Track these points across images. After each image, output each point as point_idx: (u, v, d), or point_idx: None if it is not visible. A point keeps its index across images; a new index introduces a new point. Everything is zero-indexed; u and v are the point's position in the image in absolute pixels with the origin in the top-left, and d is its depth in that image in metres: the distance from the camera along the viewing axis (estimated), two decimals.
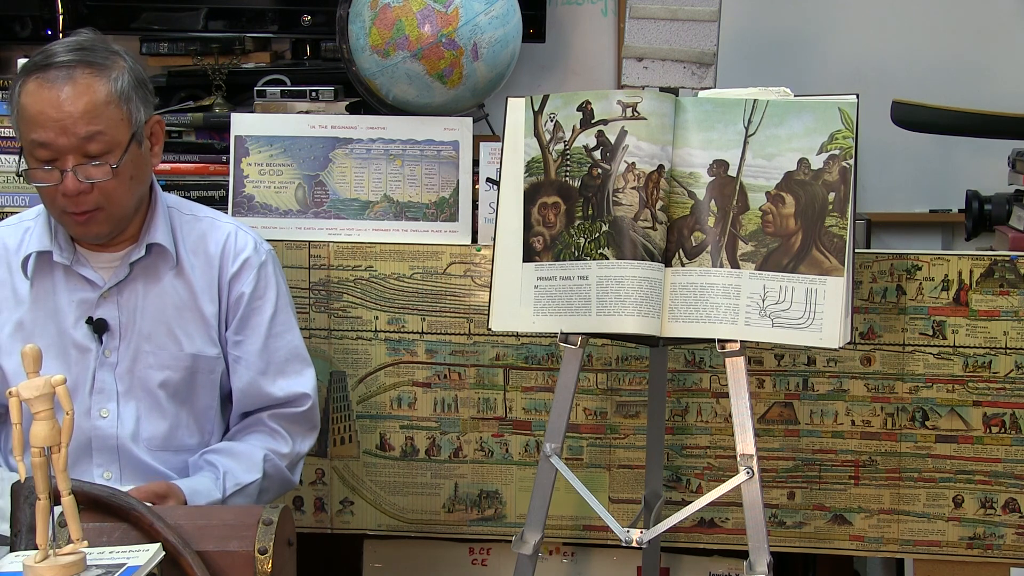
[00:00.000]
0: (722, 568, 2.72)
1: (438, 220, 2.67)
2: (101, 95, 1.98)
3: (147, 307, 2.12)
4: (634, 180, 2.09)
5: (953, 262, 2.53)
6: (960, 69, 3.17)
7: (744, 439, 2.06)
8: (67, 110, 1.96)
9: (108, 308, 2.11)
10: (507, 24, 2.63)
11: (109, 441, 2.10)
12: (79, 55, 2.00)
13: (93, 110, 1.97)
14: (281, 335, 2.21)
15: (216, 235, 2.18)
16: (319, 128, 2.70)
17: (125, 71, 2.03)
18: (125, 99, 2.01)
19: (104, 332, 2.10)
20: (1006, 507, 2.56)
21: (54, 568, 1.44)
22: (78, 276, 2.10)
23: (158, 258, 2.13)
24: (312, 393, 2.23)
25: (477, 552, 2.77)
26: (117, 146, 2.00)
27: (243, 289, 2.17)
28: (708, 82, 2.52)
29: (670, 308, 2.09)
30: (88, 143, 1.98)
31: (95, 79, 1.99)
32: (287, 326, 2.22)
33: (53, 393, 1.44)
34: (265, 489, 2.15)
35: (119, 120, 2.00)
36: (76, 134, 1.97)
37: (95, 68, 2.00)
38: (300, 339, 2.25)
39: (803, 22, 3.22)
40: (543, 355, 2.62)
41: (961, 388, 2.54)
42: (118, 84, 2.01)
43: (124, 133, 2.01)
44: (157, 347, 2.12)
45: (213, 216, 2.22)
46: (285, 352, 2.21)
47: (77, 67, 1.99)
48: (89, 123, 1.97)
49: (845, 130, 2.05)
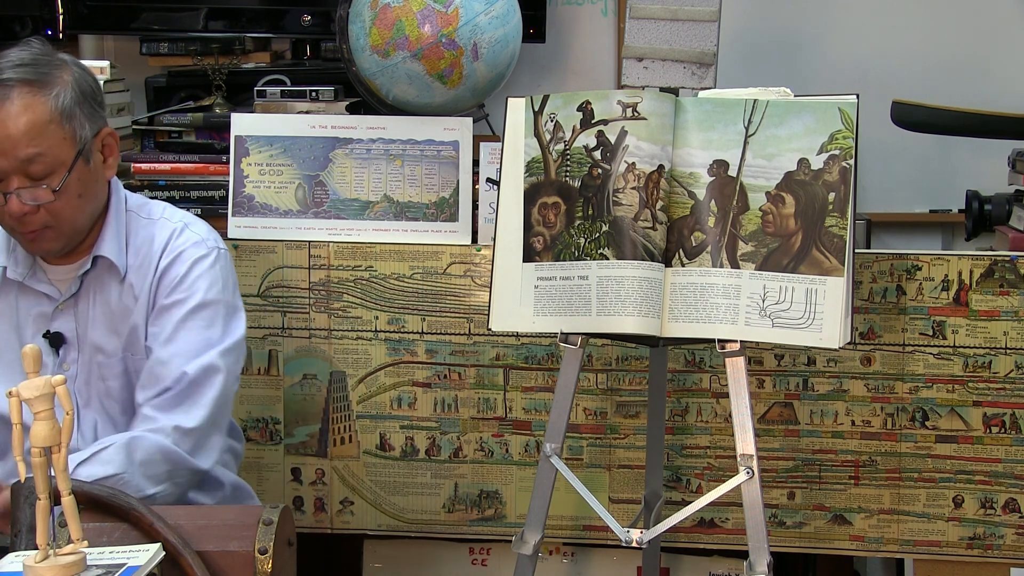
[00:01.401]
0: (722, 568, 2.72)
1: (438, 220, 2.67)
2: (41, 115, 1.92)
3: (97, 318, 2.09)
4: (634, 180, 2.09)
5: (953, 262, 2.53)
6: (960, 69, 3.17)
7: (744, 439, 2.06)
8: (6, 132, 1.90)
9: (65, 321, 2.08)
10: (507, 24, 2.63)
11: (71, 454, 2.07)
12: (20, 72, 1.93)
13: (32, 131, 1.91)
14: (198, 330, 2.05)
15: (162, 234, 2.10)
16: (319, 128, 2.70)
17: (68, 86, 1.95)
18: (67, 117, 1.94)
19: (61, 345, 2.08)
20: (1006, 507, 2.56)
21: (54, 568, 1.44)
22: (34, 291, 2.08)
23: (105, 269, 2.09)
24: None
25: (477, 552, 2.77)
26: (61, 166, 1.94)
27: (171, 279, 2.06)
28: (708, 82, 2.52)
29: (670, 308, 2.09)
30: (29, 165, 1.92)
31: (35, 98, 1.92)
32: (208, 323, 2.06)
33: (53, 393, 1.44)
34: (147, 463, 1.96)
35: (61, 139, 1.94)
36: (16, 156, 1.91)
37: (35, 86, 1.92)
38: (222, 342, 2.06)
39: (803, 22, 3.22)
40: (543, 355, 2.62)
41: (961, 388, 2.54)
42: (59, 101, 1.94)
43: (68, 152, 1.95)
44: (107, 357, 2.08)
45: (168, 217, 2.14)
46: (195, 347, 2.03)
47: (16, 86, 1.92)
48: (29, 144, 1.91)
49: (845, 130, 2.05)
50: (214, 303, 2.08)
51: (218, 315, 2.08)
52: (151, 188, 2.80)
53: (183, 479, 2.03)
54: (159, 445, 1.98)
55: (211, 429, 2.06)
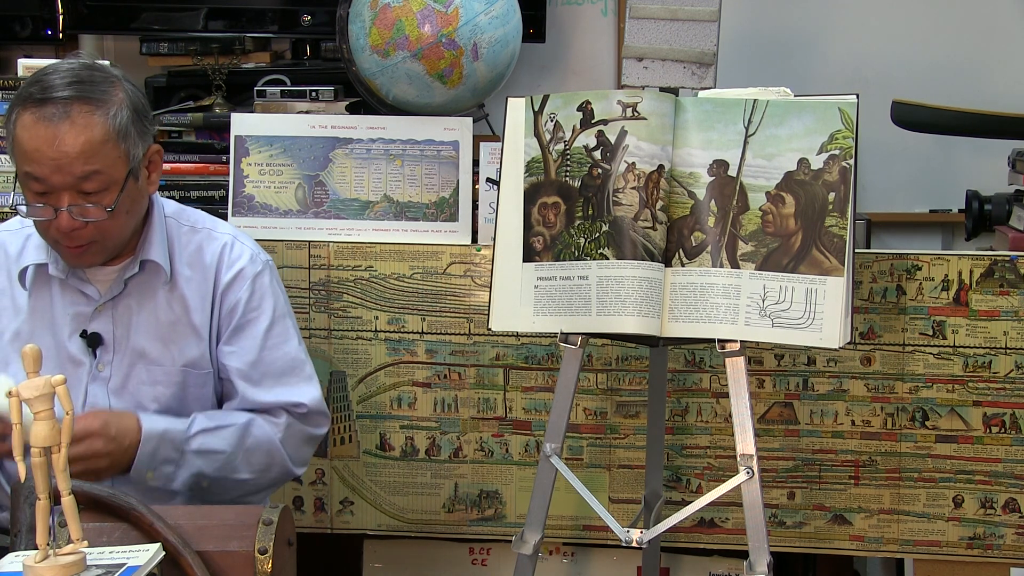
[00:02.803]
0: (722, 568, 2.72)
1: (438, 220, 2.67)
2: (99, 134, 1.92)
3: (140, 323, 2.09)
4: (634, 180, 2.09)
5: (953, 262, 2.53)
6: (960, 69, 3.17)
7: (744, 439, 2.06)
8: (63, 149, 1.90)
9: (103, 322, 2.09)
10: (507, 24, 2.63)
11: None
12: (77, 89, 1.93)
13: (90, 150, 1.91)
14: (277, 347, 2.14)
15: (212, 246, 2.14)
16: (319, 128, 2.70)
17: (124, 106, 1.96)
18: (123, 136, 1.95)
19: (98, 346, 2.08)
20: (1006, 507, 2.56)
21: (54, 568, 1.44)
22: (74, 289, 2.08)
23: (152, 274, 2.10)
24: (311, 403, 2.14)
25: (477, 552, 2.77)
26: (114, 184, 1.96)
27: (236, 300, 2.11)
28: (708, 82, 2.53)
29: (670, 308, 2.09)
30: (84, 182, 1.93)
31: (93, 117, 1.92)
32: (283, 338, 2.15)
33: (53, 393, 1.44)
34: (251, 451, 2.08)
35: (116, 158, 1.95)
36: (72, 173, 1.92)
37: (93, 104, 1.93)
38: (301, 351, 2.17)
39: (803, 22, 3.22)
40: (543, 355, 2.62)
41: (961, 388, 2.54)
42: (116, 121, 1.94)
43: (121, 171, 1.96)
44: (149, 363, 2.09)
45: (211, 227, 2.17)
46: (282, 364, 2.14)
47: (75, 103, 1.92)
48: (86, 163, 1.92)
49: (845, 130, 2.05)
50: (287, 312, 2.19)
51: (290, 324, 2.18)
52: None
53: (276, 476, 2.13)
54: (268, 437, 2.09)
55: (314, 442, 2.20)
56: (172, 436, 2.01)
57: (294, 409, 2.14)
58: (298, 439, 2.14)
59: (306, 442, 2.17)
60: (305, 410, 2.14)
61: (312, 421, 2.16)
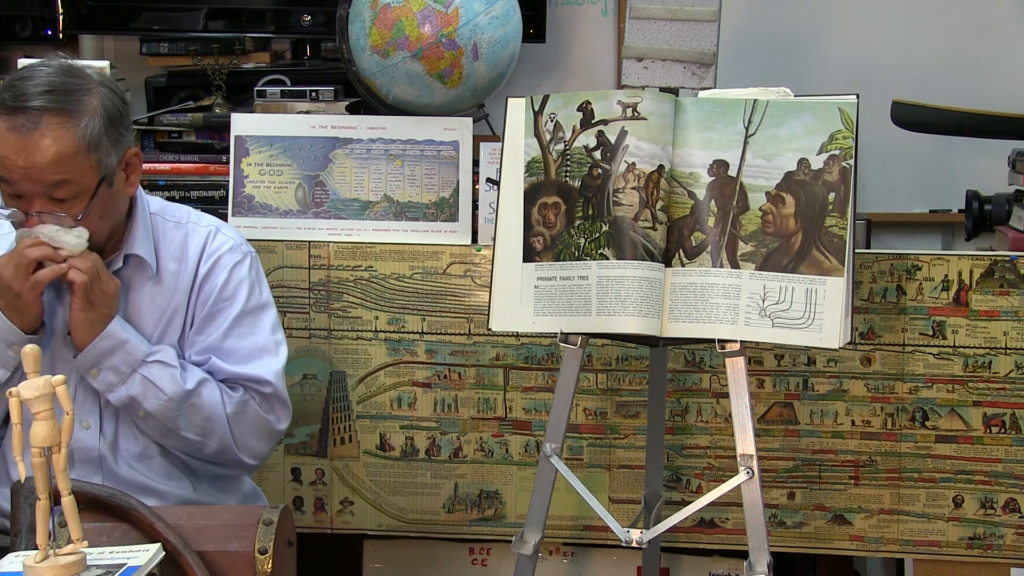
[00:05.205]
0: (722, 568, 2.72)
1: (438, 220, 2.67)
2: (69, 146, 1.92)
3: (127, 317, 2.09)
4: (634, 180, 2.09)
5: (953, 262, 2.53)
6: (960, 69, 3.17)
7: (744, 439, 2.06)
8: (32, 159, 1.90)
9: None
10: (507, 24, 2.63)
11: (91, 453, 2.08)
12: (49, 99, 1.92)
13: (60, 161, 1.92)
14: (244, 336, 2.13)
15: (195, 238, 2.15)
16: (319, 128, 2.70)
17: (96, 114, 1.95)
18: (94, 147, 1.95)
19: None
20: (1006, 507, 2.56)
21: (54, 568, 1.44)
22: (61, 287, 2.08)
23: (137, 269, 2.10)
24: (273, 379, 2.12)
25: (477, 552, 2.77)
26: (84, 192, 1.96)
27: (212, 288, 2.12)
28: (708, 82, 2.53)
29: (670, 308, 2.09)
30: (54, 190, 1.94)
31: (63, 129, 1.91)
32: (254, 328, 2.14)
33: (53, 393, 1.44)
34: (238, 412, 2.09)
35: (87, 168, 1.95)
36: (42, 182, 1.93)
37: (64, 115, 1.92)
38: (270, 343, 2.15)
39: (803, 22, 3.22)
40: (543, 355, 2.62)
41: (961, 388, 2.54)
42: (88, 131, 1.93)
43: (92, 180, 1.97)
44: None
45: (196, 220, 2.18)
46: (246, 352, 2.12)
47: (46, 114, 1.91)
48: (56, 172, 1.92)
49: (845, 130, 2.05)
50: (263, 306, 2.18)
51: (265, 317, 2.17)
52: (151, 188, 2.80)
53: (217, 450, 2.11)
54: (215, 403, 2.08)
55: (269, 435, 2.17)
56: (130, 350, 2.03)
57: (255, 386, 2.12)
58: (250, 421, 2.12)
59: (259, 429, 2.13)
60: (269, 389, 2.12)
61: (271, 406, 2.13)
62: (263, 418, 2.13)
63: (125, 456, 2.11)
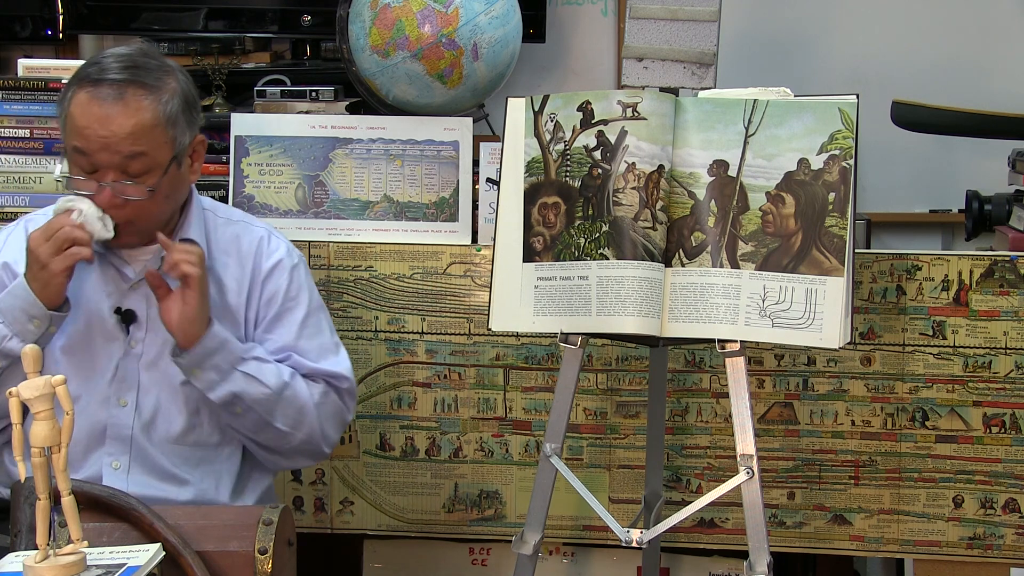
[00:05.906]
0: (722, 568, 2.72)
1: (438, 220, 2.67)
2: (149, 117, 1.98)
3: None
4: (634, 180, 2.09)
5: (953, 262, 2.53)
6: (960, 69, 3.17)
7: (744, 439, 2.06)
8: (113, 129, 1.96)
9: (137, 300, 2.11)
10: (507, 24, 2.63)
11: (124, 431, 2.09)
12: (132, 73, 1.99)
13: (139, 131, 1.97)
14: (313, 336, 2.19)
15: (249, 236, 2.19)
16: (319, 128, 2.70)
17: (176, 94, 2.02)
18: (172, 123, 2.01)
19: (132, 323, 2.10)
20: (1006, 507, 2.56)
21: (54, 568, 1.44)
22: (110, 266, 2.11)
23: None
24: (349, 374, 2.20)
25: (477, 552, 2.77)
26: (157, 167, 2.00)
27: (276, 289, 2.16)
28: (708, 82, 2.53)
29: (670, 308, 2.09)
30: (130, 162, 1.98)
31: (145, 100, 1.98)
32: (319, 328, 2.20)
33: (53, 393, 1.44)
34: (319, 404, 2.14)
35: (163, 143, 2.00)
36: (119, 152, 1.97)
37: (146, 89, 1.99)
38: (331, 343, 2.21)
39: (803, 22, 3.22)
40: (543, 355, 2.62)
41: (961, 388, 2.54)
42: (168, 107, 2.00)
43: (166, 155, 2.01)
44: None
45: (248, 220, 2.23)
46: (316, 350, 2.19)
47: (129, 86, 1.98)
48: (133, 144, 1.97)
49: (845, 130, 2.05)
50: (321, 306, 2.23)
51: (324, 317, 2.23)
52: None
53: (304, 440, 2.14)
54: (305, 396, 2.12)
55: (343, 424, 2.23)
56: (232, 348, 2.06)
57: (333, 381, 2.18)
58: (331, 411, 2.17)
59: (337, 417, 2.19)
60: (347, 384, 2.19)
61: (347, 398, 2.20)
62: (341, 407, 2.19)
63: (158, 439, 2.11)
